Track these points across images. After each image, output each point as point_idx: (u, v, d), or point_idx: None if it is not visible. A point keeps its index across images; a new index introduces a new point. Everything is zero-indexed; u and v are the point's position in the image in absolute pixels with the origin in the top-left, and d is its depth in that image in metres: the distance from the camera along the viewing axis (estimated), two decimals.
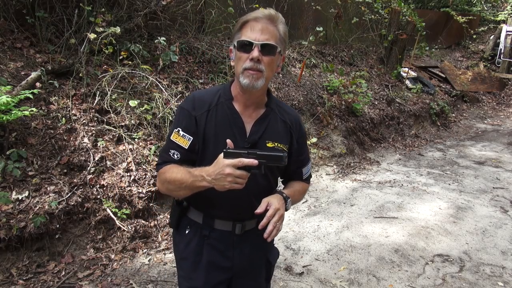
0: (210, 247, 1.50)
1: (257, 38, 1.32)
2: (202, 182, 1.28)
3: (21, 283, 2.69)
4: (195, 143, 1.41)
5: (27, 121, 3.30)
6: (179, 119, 1.44)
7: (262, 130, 1.45)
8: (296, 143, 1.55)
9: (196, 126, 1.41)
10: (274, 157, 1.26)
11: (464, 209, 4.26)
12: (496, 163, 5.96)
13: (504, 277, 3.04)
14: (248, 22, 1.34)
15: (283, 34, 1.38)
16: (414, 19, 8.11)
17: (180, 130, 1.41)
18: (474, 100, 9.60)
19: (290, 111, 1.59)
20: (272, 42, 1.33)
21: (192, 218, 1.53)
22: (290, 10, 6.88)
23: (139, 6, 4.52)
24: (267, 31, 1.33)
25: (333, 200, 4.45)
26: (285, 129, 1.51)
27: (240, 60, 1.35)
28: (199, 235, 1.51)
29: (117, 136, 3.69)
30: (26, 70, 3.64)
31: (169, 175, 1.38)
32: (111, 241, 3.22)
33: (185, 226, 1.54)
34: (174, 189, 1.39)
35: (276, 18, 1.37)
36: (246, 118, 1.44)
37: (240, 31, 1.36)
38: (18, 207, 2.88)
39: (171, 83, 4.50)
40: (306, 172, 1.65)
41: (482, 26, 12.78)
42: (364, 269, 3.12)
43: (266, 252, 1.63)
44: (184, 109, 1.43)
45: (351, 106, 6.27)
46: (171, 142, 1.43)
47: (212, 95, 1.46)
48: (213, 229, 1.49)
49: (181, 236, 1.55)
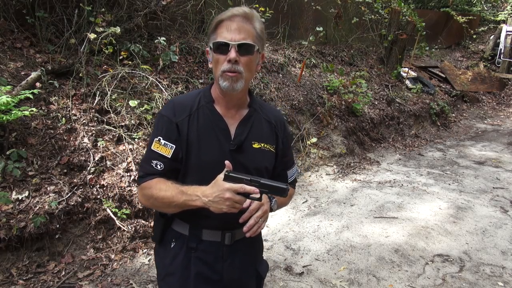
0: (198, 260, 1.40)
1: (233, 38, 1.26)
2: (196, 202, 1.23)
3: (21, 283, 2.69)
4: (178, 151, 1.34)
5: (27, 121, 3.30)
6: (159, 127, 1.36)
7: (246, 131, 1.40)
8: (281, 144, 1.49)
9: (179, 133, 1.34)
10: (276, 189, 1.20)
11: (464, 209, 4.26)
12: (496, 163, 5.96)
13: (504, 277, 3.04)
14: (223, 22, 1.29)
15: (260, 31, 1.33)
16: (414, 19, 8.11)
17: (161, 139, 1.34)
18: (474, 100, 9.60)
19: (274, 111, 1.55)
20: (249, 41, 1.28)
21: (177, 230, 1.43)
22: (290, 10, 6.88)
23: (139, 6, 4.52)
24: (243, 30, 1.28)
25: (333, 200, 4.45)
26: (270, 129, 1.47)
27: (217, 63, 1.30)
28: (185, 248, 1.41)
29: (117, 136, 3.69)
30: (26, 70, 3.64)
31: (156, 192, 1.30)
32: (111, 241, 3.22)
33: (170, 240, 1.44)
34: (162, 206, 1.33)
35: (252, 16, 1.31)
36: (229, 120, 1.39)
37: (216, 32, 1.30)
38: (18, 207, 2.88)
39: (171, 83, 4.50)
40: (292, 175, 1.58)
41: (482, 26, 12.78)
42: (364, 269, 3.12)
43: (256, 264, 1.55)
44: (164, 116, 1.36)
45: (351, 106, 6.27)
46: (152, 152, 1.35)
47: (192, 99, 1.41)
48: (201, 240, 1.40)
49: (166, 251, 1.45)
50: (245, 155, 1.38)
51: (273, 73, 5.95)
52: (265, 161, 1.43)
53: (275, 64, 6.07)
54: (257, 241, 1.58)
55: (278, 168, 1.51)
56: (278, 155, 1.49)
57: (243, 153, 1.38)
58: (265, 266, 1.61)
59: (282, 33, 6.77)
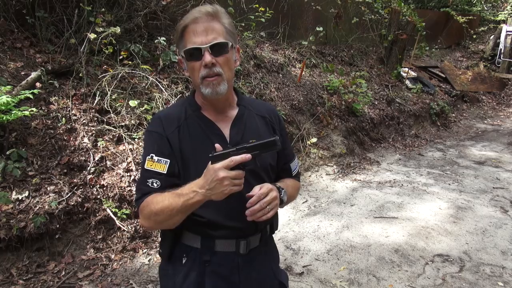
0: (213, 275, 1.30)
1: (203, 41, 1.19)
2: (195, 198, 1.13)
3: (21, 283, 2.69)
4: (174, 165, 1.26)
5: (27, 121, 3.30)
6: (150, 144, 1.29)
7: (242, 130, 1.33)
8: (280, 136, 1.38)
9: (171, 146, 1.26)
10: (266, 144, 1.14)
11: (464, 209, 4.26)
12: (496, 163, 5.96)
13: (504, 277, 3.04)
14: (188, 27, 1.20)
15: (229, 26, 1.25)
16: (414, 19, 8.11)
17: (153, 156, 1.26)
18: (474, 100, 9.60)
19: (265, 105, 1.50)
20: (220, 39, 1.20)
21: (188, 244, 1.32)
22: (290, 10, 6.88)
23: (139, 6, 4.52)
24: (211, 30, 1.20)
25: (333, 200, 4.45)
26: (265, 123, 1.41)
27: (193, 70, 1.23)
28: (198, 263, 1.30)
29: (117, 136, 3.69)
30: (26, 70, 3.64)
31: (154, 206, 1.20)
32: (111, 241, 3.22)
33: (181, 256, 1.33)
34: (165, 219, 1.20)
35: (216, 12, 1.22)
36: (221, 124, 1.32)
37: (183, 38, 1.22)
38: (18, 207, 2.88)
39: (171, 83, 4.50)
40: (295, 168, 1.51)
41: (482, 26, 12.77)
42: (364, 269, 3.12)
43: (275, 273, 1.46)
44: (152, 132, 1.29)
45: (351, 106, 6.27)
46: (146, 171, 1.26)
47: (178, 110, 1.34)
48: (214, 252, 1.30)
49: (176, 268, 1.33)
50: None
51: (273, 73, 5.95)
52: (268, 157, 1.36)
53: (275, 64, 6.07)
54: (272, 248, 1.52)
55: (280, 162, 1.45)
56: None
57: None
58: (285, 275, 1.53)
59: (282, 33, 6.77)
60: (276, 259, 1.55)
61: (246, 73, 5.43)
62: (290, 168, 1.49)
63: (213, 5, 1.25)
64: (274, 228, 1.50)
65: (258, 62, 5.82)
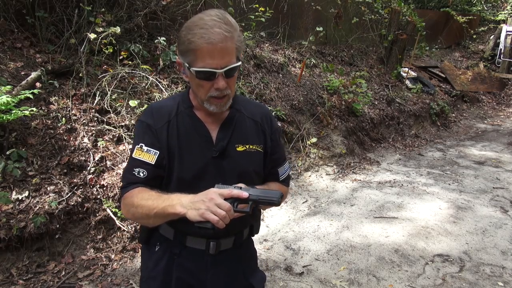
0: (180, 267, 1.36)
1: (219, 65, 1.15)
2: (176, 207, 1.11)
3: (21, 283, 2.69)
4: (162, 157, 1.27)
5: (27, 121, 3.30)
6: (140, 133, 1.30)
7: (229, 134, 1.32)
8: (270, 140, 1.41)
9: (158, 140, 1.27)
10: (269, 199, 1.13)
11: (464, 209, 4.26)
12: (496, 163, 5.96)
13: (504, 277, 3.04)
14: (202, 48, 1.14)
15: (239, 42, 1.20)
16: (414, 19, 8.11)
17: (143, 146, 1.27)
18: (474, 100, 9.60)
19: (259, 107, 1.46)
20: (234, 62, 1.18)
21: (163, 234, 1.38)
22: (290, 10, 6.88)
23: (139, 6, 4.52)
24: (226, 53, 1.15)
25: (333, 200, 4.45)
26: (255, 127, 1.38)
27: (202, 88, 1.21)
28: (169, 253, 1.37)
29: (117, 136, 3.69)
30: (26, 70, 3.64)
31: (137, 201, 1.21)
32: (111, 241, 3.22)
33: (155, 243, 1.40)
34: (141, 217, 1.22)
35: (231, 32, 1.16)
36: (210, 125, 1.32)
37: (194, 54, 1.16)
38: (18, 207, 2.88)
39: (171, 83, 4.50)
40: (283, 172, 1.48)
41: (482, 26, 12.77)
42: (364, 269, 3.12)
43: (248, 275, 1.46)
44: (143, 123, 1.30)
45: (351, 106, 6.27)
46: (134, 160, 1.27)
47: (171, 104, 1.33)
48: (185, 246, 1.35)
49: (150, 253, 1.41)
50: (229, 160, 1.31)
51: (273, 73, 5.95)
52: (252, 163, 1.36)
53: (275, 64, 6.07)
54: (246, 251, 1.50)
55: (268, 167, 1.43)
56: (268, 153, 1.41)
57: (227, 159, 1.31)
58: (260, 277, 1.51)
59: (282, 33, 6.77)
60: (252, 259, 1.55)
61: (246, 73, 5.43)
62: (277, 173, 1.47)
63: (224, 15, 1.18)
64: (253, 231, 1.50)
65: (258, 62, 5.82)
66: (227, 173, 1.30)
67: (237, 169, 1.32)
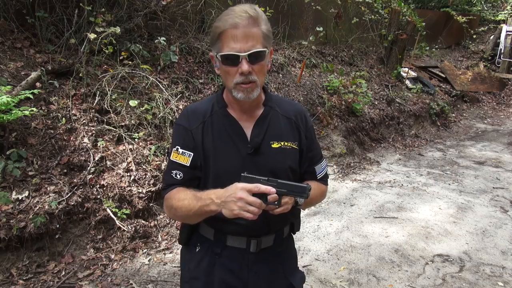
0: (222, 267, 1.36)
1: (243, 49, 1.17)
2: (211, 206, 1.17)
3: (21, 283, 2.69)
4: (196, 159, 1.31)
5: (27, 121, 3.30)
6: (176, 136, 1.35)
7: (263, 131, 1.33)
8: (305, 138, 1.41)
9: (194, 141, 1.31)
10: (296, 188, 1.15)
11: (464, 209, 4.26)
12: (496, 163, 5.96)
13: (504, 277, 3.04)
14: (226, 31, 1.17)
15: (267, 31, 1.22)
16: (414, 19, 8.11)
17: (178, 148, 1.32)
18: (474, 100, 9.60)
19: (293, 105, 1.47)
20: (259, 47, 1.19)
21: (203, 234, 1.40)
22: (290, 10, 6.88)
23: (139, 6, 4.52)
24: (250, 37, 1.17)
25: (333, 200, 4.45)
26: (290, 125, 1.39)
27: (228, 75, 1.23)
28: (210, 253, 1.38)
29: (117, 136, 3.69)
30: (26, 70, 3.64)
31: (175, 203, 1.27)
32: (111, 241, 3.22)
33: (195, 244, 1.41)
34: (182, 217, 1.31)
35: (257, 17, 1.18)
36: (245, 123, 1.34)
37: (220, 40, 1.20)
38: (18, 207, 2.88)
39: (171, 83, 4.50)
40: (321, 171, 1.49)
41: (482, 26, 12.76)
42: (364, 269, 3.12)
43: (288, 274, 1.46)
44: (179, 125, 1.35)
45: (351, 106, 6.27)
46: (172, 162, 1.34)
47: (205, 106, 1.37)
48: (225, 246, 1.36)
49: (191, 254, 1.42)
50: (264, 157, 1.32)
51: (273, 73, 5.95)
52: (288, 160, 1.36)
53: (275, 64, 6.07)
54: (287, 250, 1.50)
55: (304, 165, 1.43)
56: (303, 151, 1.41)
57: (262, 155, 1.32)
58: (300, 277, 1.51)
59: (282, 33, 6.77)
60: (292, 258, 1.55)
61: None
62: (315, 171, 1.47)
63: (252, 6, 1.21)
64: (294, 229, 1.50)
65: None
66: (263, 170, 1.28)
67: (273, 166, 1.32)
